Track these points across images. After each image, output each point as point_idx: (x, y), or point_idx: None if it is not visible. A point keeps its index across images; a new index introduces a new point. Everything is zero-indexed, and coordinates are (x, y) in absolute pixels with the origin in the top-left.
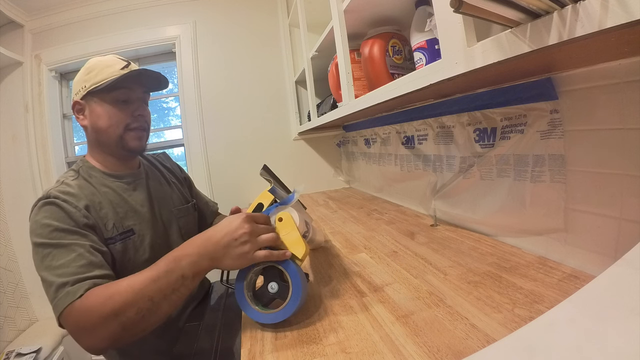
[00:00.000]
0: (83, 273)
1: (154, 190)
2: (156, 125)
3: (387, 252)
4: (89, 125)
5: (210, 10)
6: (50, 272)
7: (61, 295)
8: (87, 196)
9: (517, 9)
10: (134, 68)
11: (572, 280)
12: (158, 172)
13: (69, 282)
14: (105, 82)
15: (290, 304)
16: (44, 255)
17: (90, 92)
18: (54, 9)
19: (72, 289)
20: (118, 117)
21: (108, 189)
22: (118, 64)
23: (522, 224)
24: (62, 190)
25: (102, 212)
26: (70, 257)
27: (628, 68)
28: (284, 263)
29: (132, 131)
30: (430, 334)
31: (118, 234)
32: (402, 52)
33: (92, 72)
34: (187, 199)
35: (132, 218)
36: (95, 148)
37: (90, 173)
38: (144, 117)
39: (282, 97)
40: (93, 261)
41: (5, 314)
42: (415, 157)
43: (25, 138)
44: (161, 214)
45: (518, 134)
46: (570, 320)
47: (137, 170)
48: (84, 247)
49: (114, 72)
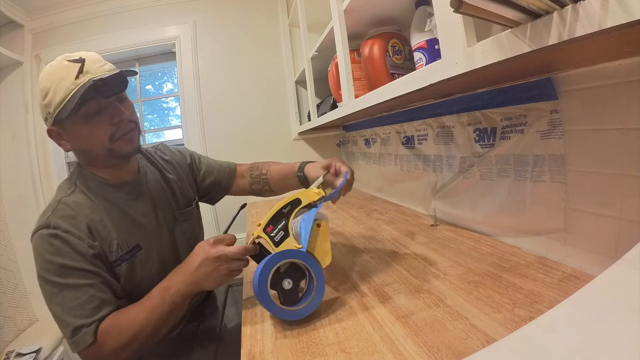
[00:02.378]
0: (97, 314)
1: (156, 196)
2: (156, 125)
3: (387, 252)
4: (73, 149)
5: (210, 11)
6: (64, 311)
7: (80, 335)
8: (87, 215)
9: (517, 9)
10: (90, 68)
11: (572, 280)
12: (158, 171)
13: (85, 324)
14: (66, 102)
15: (316, 299)
16: (54, 292)
17: (57, 117)
18: (54, 9)
19: (89, 330)
20: (98, 133)
21: (108, 202)
22: (71, 71)
23: (522, 224)
24: (63, 215)
25: (104, 231)
26: (84, 299)
27: (628, 68)
28: (308, 260)
29: (119, 139)
30: (430, 334)
31: (123, 254)
32: (402, 52)
33: (49, 94)
34: (190, 198)
35: (137, 232)
36: (89, 165)
37: (87, 184)
38: (125, 119)
39: (282, 97)
40: (105, 300)
41: (5, 314)
42: (415, 157)
43: (25, 138)
44: (165, 220)
45: (518, 134)
46: (570, 320)
47: (137, 175)
48: (94, 287)
49: (69, 85)
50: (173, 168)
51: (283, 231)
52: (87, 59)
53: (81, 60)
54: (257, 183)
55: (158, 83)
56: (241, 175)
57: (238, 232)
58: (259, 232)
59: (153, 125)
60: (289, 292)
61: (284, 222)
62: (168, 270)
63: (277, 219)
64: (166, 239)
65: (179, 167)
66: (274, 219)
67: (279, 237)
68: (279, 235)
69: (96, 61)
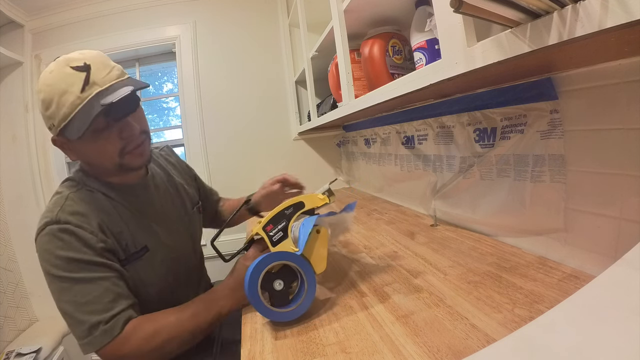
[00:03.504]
0: (114, 308)
1: (163, 199)
2: (156, 125)
3: (387, 252)
4: (80, 160)
5: (210, 10)
6: (76, 308)
7: (97, 334)
8: (97, 213)
9: (517, 9)
10: (96, 78)
11: (572, 280)
12: (164, 173)
13: (103, 321)
14: (71, 118)
15: (305, 303)
16: (64, 288)
17: (63, 130)
18: (54, 9)
19: (108, 327)
20: (107, 149)
21: (116, 202)
22: (75, 82)
23: (522, 224)
24: (72, 211)
25: (114, 230)
26: (97, 293)
27: (628, 68)
28: (302, 264)
29: (129, 153)
30: (430, 334)
31: (131, 254)
32: (402, 52)
33: (52, 107)
34: (194, 201)
35: (145, 234)
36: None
37: (94, 185)
38: (136, 132)
39: (282, 97)
40: (120, 293)
41: (5, 314)
42: (415, 157)
43: (25, 138)
44: (172, 223)
45: (518, 134)
46: (570, 320)
47: (145, 178)
48: (109, 280)
49: (74, 100)
50: (177, 172)
51: (282, 232)
52: (93, 64)
53: (86, 68)
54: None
55: (158, 83)
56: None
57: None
58: (258, 229)
59: (153, 125)
60: (279, 293)
61: (284, 223)
62: (174, 272)
63: (278, 219)
64: (173, 242)
65: (184, 172)
66: (275, 219)
67: (277, 237)
68: (278, 235)
69: (102, 67)
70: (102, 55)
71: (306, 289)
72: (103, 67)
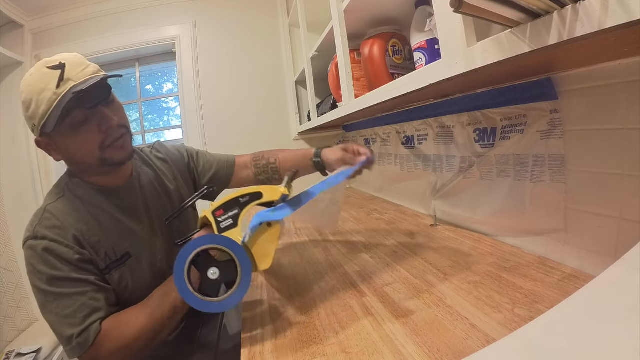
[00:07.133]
0: (86, 322)
1: (149, 200)
2: (156, 125)
3: (387, 252)
4: (64, 159)
5: (210, 11)
6: (57, 320)
7: (74, 345)
8: (73, 224)
9: (517, 9)
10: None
11: (572, 280)
12: (153, 172)
13: (76, 333)
14: (49, 114)
15: (233, 299)
16: (47, 301)
17: (43, 129)
18: (54, 9)
19: (81, 340)
20: (87, 142)
21: (98, 209)
22: (51, 80)
23: (522, 224)
24: (49, 226)
25: (92, 240)
26: (74, 308)
27: (628, 68)
28: (240, 254)
29: (110, 147)
30: (430, 334)
31: (111, 262)
32: (402, 52)
33: (32, 107)
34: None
35: (128, 240)
36: (80, 173)
37: (77, 191)
38: (114, 125)
39: (282, 97)
40: (96, 307)
41: (5, 314)
42: (415, 157)
43: (25, 139)
44: (159, 225)
45: (518, 134)
46: (570, 320)
47: (130, 179)
48: (86, 296)
49: (51, 96)
50: (168, 167)
51: (232, 220)
52: (68, 63)
53: (61, 66)
54: (264, 173)
55: (158, 83)
56: (243, 166)
57: None
58: (207, 214)
59: (153, 125)
60: (210, 282)
61: (236, 211)
62: (161, 277)
63: (230, 205)
64: (159, 244)
65: (175, 165)
66: (227, 205)
67: (225, 224)
68: (227, 222)
69: (77, 65)
70: (79, 56)
71: (238, 283)
72: (78, 65)
